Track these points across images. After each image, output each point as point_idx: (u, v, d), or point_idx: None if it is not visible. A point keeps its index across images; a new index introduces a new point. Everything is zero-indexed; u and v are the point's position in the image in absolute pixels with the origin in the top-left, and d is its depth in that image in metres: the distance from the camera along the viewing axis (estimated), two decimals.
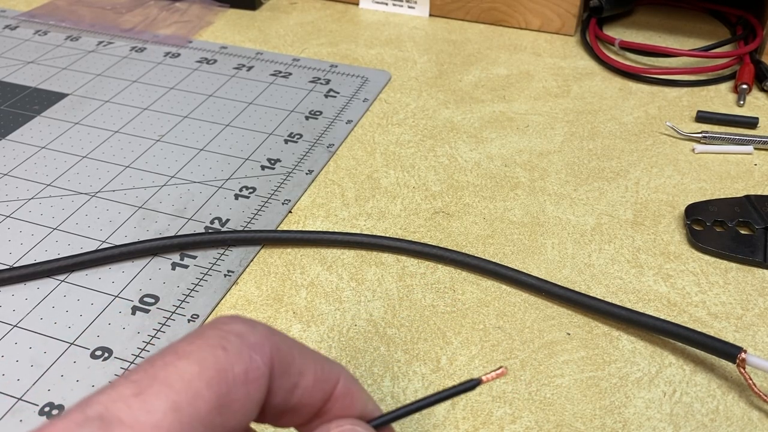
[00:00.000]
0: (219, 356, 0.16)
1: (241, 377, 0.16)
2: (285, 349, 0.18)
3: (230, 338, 0.17)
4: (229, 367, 0.16)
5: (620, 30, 0.59)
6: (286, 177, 0.41)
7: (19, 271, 0.34)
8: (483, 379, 0.20)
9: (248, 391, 0.17)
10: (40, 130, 0.45)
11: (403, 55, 0.55)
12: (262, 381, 0.17)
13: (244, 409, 0.17)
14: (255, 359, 0.17)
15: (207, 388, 0.16)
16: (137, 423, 0.15)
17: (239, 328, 0.18)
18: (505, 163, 0.43)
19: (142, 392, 0.15)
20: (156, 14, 0.61)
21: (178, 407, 0.15)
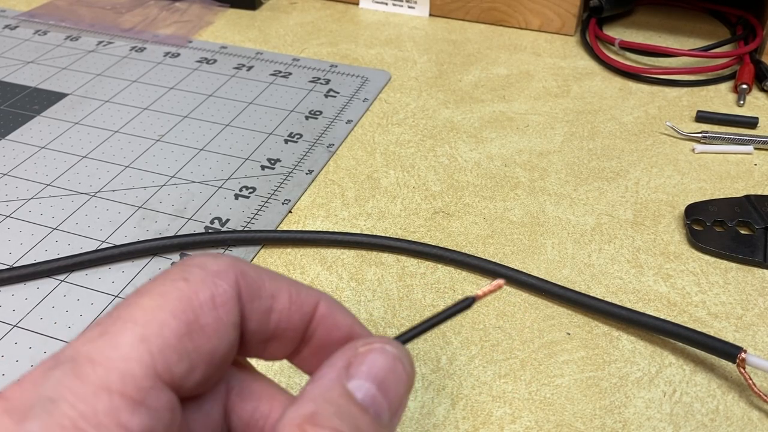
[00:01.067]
0: (181, 287, 0.17)
1: (207, 303, 0.17)
2: (252, 274, 0.18)
3: (192, 270, 0.17)
4: (194, 295, 0.17)
5: (620, 30, 0.59)
6: (286, 177, 0.41)
7: (18, 271, 0.34)
8: (479, 294, 0.19)
9: (218, 315, 0.17)
10: (39, 130, 0.45)
11: (403, 55, 0.55)
12: (231, 304, 0.17)
13: (218, 333, 0.17)
14: (220, 284, 0.17)
15: (172, 317, 0.16)
16: (106, 359, 0.15)
17: (201, 260, 0.18)
18: (505, 163, 0.43)
19: (107, 331, 0.16)
20: (156, 14, 0.61)
21: (144, 338, 0.16)
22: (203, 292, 0.17)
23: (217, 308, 0.17)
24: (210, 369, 0.17)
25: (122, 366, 0.15)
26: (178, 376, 0.16)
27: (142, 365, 0.15)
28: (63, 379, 0.15)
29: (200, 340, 0.16)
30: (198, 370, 0.17)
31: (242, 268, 0.18)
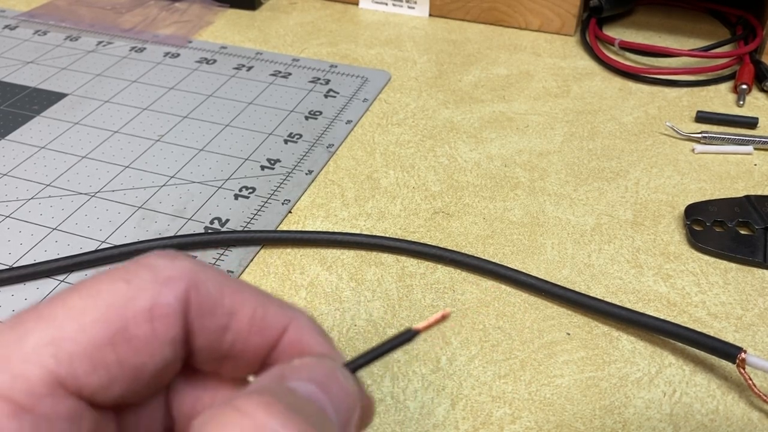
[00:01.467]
0: (118, 289, 0.15)
1: (143, 313, 0.15)
2: (211, 285, 0.16)
3: (139, 271, 0.15)
4: (129, 302, 0.15)
5: (620, 30, 0.59)
6: (285, 177, 0.41)
7: (18, 271, 0.34)
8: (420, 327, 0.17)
9: (153, 328, 0.15)
10: (39, 130, 0.45)
11: (403, 55, 0.55)
12: (172, 318, 0.15)
13: (149, 348, 0.15)
14: (164, 293, 0.15)
15: (95, 322, 0.14)
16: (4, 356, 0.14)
17: (154, 261, 0.16)
18: (504, 163, 0.43)
19: (21, 324, 0.14)
20: (156, 14, 0.61)
21: (54, 341, 0.14)
22: (141, 300, 0.15)
23: (153, 321, 0.15)
24: (136, 384, 0.15)
25: (18, 367, 0.14)
26: (89, 388, 0.14)
27: (42, 369, 0.14)
28: None
29: (125, 352, 0.15)
30: (118, 385, 0.15)
31: (198, 278, 0.16)
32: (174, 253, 0.16)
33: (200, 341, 0.16)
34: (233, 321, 0.16)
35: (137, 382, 0.15)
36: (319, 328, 0.18)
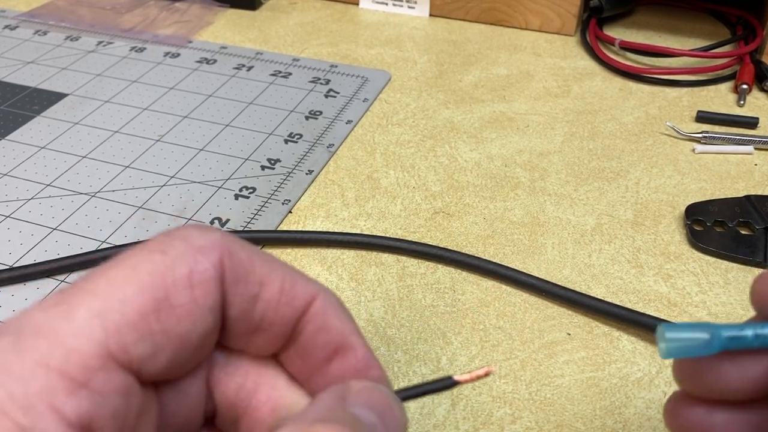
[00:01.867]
0: (156, 260, 0.15)
1: (183, 280, 0.15)
2: (242, 255, 0.16)
3: (173, 242, 0.16)
4: (168, 271, 0.15)
5: (620, 30, 0.59)
6: (286, 177, 0.41)
7: (18, 271, 0.34)
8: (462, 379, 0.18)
9: (194, 295, 0.15)
10: (39, 130, 0.45)
11: (403, 55, 0.55)
12: (211, 284, 0.15)
13: (192, 316, 0.15)
14: (200, 261, 0.15)
15: (138, 292, 0.15)
16: (53, 332, 0.14)
17: (187, 232, 0.16)
18: (505, 163, 0.43)
19: (64, 301, 0.14)
20: (156, 14, 0.61)
21: (101, 312, 0.14)
22: (180, 268, 0.15)
23: (194, 288, 0.15)
24: (180, 354, 0.15)
25: (69, 341, 0.14)
26: (137, 358, 0.14)
27: (93, 342, 0.14)
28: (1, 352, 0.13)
29: (169, 321, 0.15)
30: (164, 354, 0.15)
31: (230, 247, 0.16)
32: (205, 226, 0.17)
33: (234, 310, 0.16)
34: (264, 290, 0.16)
35: (182, 352, 0.15)
36: (343, 306, 0.18)
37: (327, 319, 0.17)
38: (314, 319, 0.17)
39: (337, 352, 0.18)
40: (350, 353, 0.18)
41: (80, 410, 0.13)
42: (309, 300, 0.17)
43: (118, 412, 0.14)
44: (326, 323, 0.17)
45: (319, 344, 0.17)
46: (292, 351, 0.18)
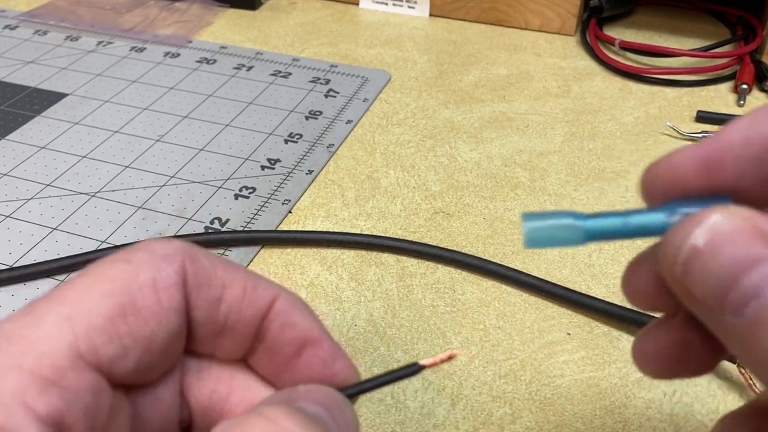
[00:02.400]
0: (120, 268, 0.16)
1: (147, 285, 0.16)
2: (204, 261, 0.17)
3: (137, 253, 0.17)
4: (133, 277, 0.16)
5: (620, 30, 0.59)
6: (286, 177, 0.41)
7: (18, 271, 0.34)
8: (426, 363, 0.18)
9: (158, 298, 0.16)
10: (39, 130, 0.45)
11: (403, 55, 0.55)
12: (174, 289, 0.16)
13: (157, 317, 0.16)
14: (163, 267, 0.16)
15: (105, 297, 0.16)
16: (24, 337, 0.15)
17: (149, 244, 0.17)
18: (505, 163, 0.43)
19: (33, 310, 0.15)
20: (156, 14, 0.61)
21: (69, 317, 0.15)
22: (144, 274, 0.16)
23: (158, 292, 0.16)
24: (148, 355, 0.16)
25: (40, 345, 0.15)
26: (107, 359, 0.15)
27: (62, 344, 0.15)
28: None
29: (136, 323, 0.16)
30: (132, 355, 0.16)
31: (192, 254, 0.17)
32: (167, 238, 0.18)
33: (199, 313, 0.17)
34: (227, 292, 0.17)
35: (149, 353, 0.16)
36: (305, 304, 0.19)
37: (291, 317, 0.18)
38: (278, 318, 0.18)
39: (304, 347, 0.18)
40: (317, 347, 0.18)
41: (51, 407, 0.14)
42: (271, 300, 0.18)
43: (89, 409, 0.15)
44: (290, 320, 0.18)
45: (285, 341, 0.18)
46: (260, 352, 0.19)
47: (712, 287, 0.14)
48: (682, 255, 0.15)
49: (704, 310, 0.15)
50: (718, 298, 0.14)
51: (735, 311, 0.14)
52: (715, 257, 0.14)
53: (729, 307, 0.14)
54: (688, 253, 0.15)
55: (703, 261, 0.15)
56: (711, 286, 0.14)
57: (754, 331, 0.14)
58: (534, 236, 0.17)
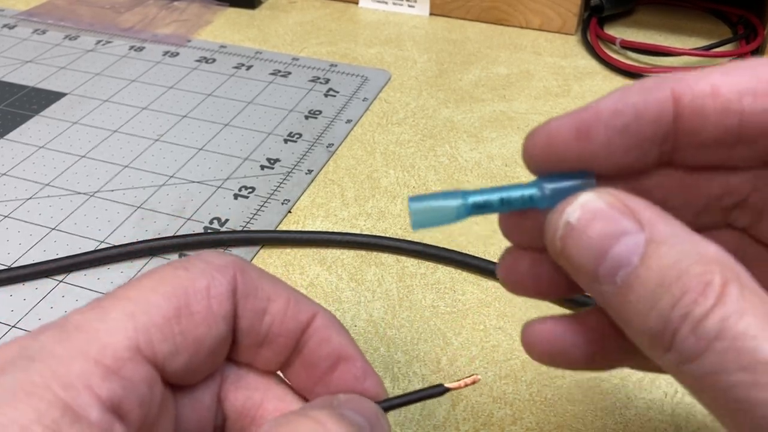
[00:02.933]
0: (180, 275, 0.18)
1: (202, 292, 0.17)
2: (253, 274, 0.19)
3: (195, 262, 0.18)
4: (189, 283, 0.17)
5: (621, 29, 0.59)
6: (285, 177, 0.41)
7: (17, 271, 0.34)
8: (452, 387, 0.20)
9: (209, 304, 0.18)
10: (38, 129, 0.45)
11: (403, 54, 0.55)
12: (225, 297, 0.18)
13: (207, 321, 0.17)
14: (217, 277, 0.18)
15: (164, 299, 0.17)
16: (92, 328, 0.16)
17: (206, 255, 0.19)
18: (505, 162, 0.43)
19: (100, 305, 0.17)
20: (155, 13, 0.60)
21: (132, 314, 0.16)
22: (200, 282, 0.18)
23: (210, 298, 0.18)
24: (197, 356, 0.17)
25: (105, 336, 0.16)
26: (161, 355, 0.17)
27: (124, 337, 0.16)
28: (47, 342, 0.16)
29: (188, 325, 0.17)
30: (183, 354, 0.17)
31: (243, 267, 0.19)
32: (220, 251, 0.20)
33: (244, 322, 0.19)
34: (271, 305, 0.19)
35: (197, 355, 0.17)
36: (339, 322, 0.20)
37: (328, 333, 0.19)
38: (316, 333, 0.19)
39: (338, 363, 0.19)
40: (350, 363, 0.19)
41: (112, 393, 0.15)
42: (311, 316, 0.19)
43: (144, 400, 0.16)
44: (328, 336, 0.19)
45: (322, 356, 0.19)
46: (296, 365, 0.20)
47: (585, 260, 0.16)
48: (559, 231, 0.16)
49: (585, 283, 0.16)
50: (592, 269, 0.16)
51: (607, 280, 0.16)
52: (586, 232, 0.16)
53: (601, 276, 0.16)
54: (563, 230, 0.16)
55: (576, 236, 0.16)
56: (585, 259, 0.16)
57: (625, 296, 0.15)
58: (419, 220, 0.18)
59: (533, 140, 0.18)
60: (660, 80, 0.17)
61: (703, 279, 0.14)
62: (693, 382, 0.15)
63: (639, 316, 0.15)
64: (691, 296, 0.14)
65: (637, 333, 0.15)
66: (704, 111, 0.16)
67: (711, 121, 0.16)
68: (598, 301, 0.17)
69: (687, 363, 0.14)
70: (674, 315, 0.14)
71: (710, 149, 0.17)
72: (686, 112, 0.16)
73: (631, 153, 0.17)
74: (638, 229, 0.15)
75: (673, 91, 0.16)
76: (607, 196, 0.16)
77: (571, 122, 0.17)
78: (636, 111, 0.16)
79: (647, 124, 0.16)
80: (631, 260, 0.15)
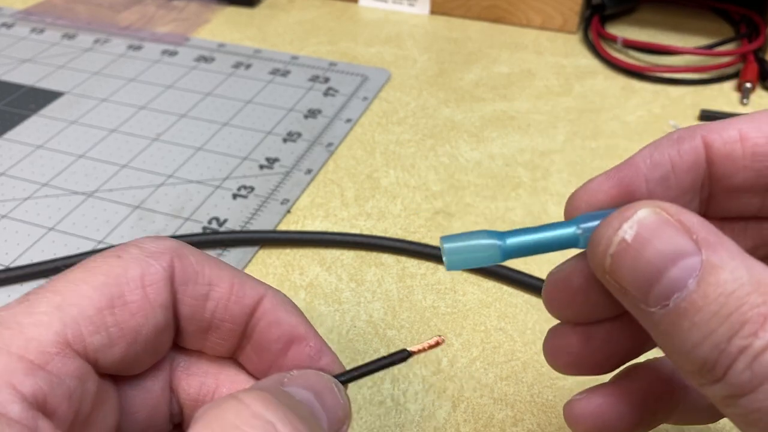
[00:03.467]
0: (111, 263, 0.17)
1: (135, 280, 0.17)
2: (192, 259, 0.18)
3: (128, 249, 0.18)
4: (122, 272, 0.17)
5: (623, 28, 0.59)
6: (284, 176, 0.41)
7: (15, 272, 0.34)
8: (414, 350, 0.20)
9: (145, 293, 0.17)
10: (36, 129, 0.45)
11: (403, 53, 0.55)
12: (161, 285, 0.17)
13: (144, 311, 0.17)
14: (152, 264, 0.17)
15: (95, 290, 0.16)
16: (17, 323, 0.16)
17: (141, 241, 0.18)
18: (506, 162, 0.43)
19: (28, 299, 0.16)
20: (153, 12, 0.60)
21: (60, 307, 0.16)
22: (133, 270, 0.17)
23: (145, 287, 0.17)
24: (135, 346, 0.17)
25: (30, 330, 0.16)
26: (93, 348, 0.16)
27: (51, 332, 0.16)
28: None
29: (123, 315, 0.17)
30: (119, 345, 0.17)
31: (180, 252, 0.18)
32: (158, 236, 0.19)
33: (185, 309, 0.18)
34: (213, 290, 0.18)
35: (135, 345, 0.17)
36: (291, 302, 0.20)
37: (277, 315, 0.19)
38: (265, 316, 0.19)
39: (291, 344, 0.19)
40: (303, 344, 0.19)
41: (35, 388, 0.15)
42: (257, 298, 0.19)
43: (74, 394, 0.16)
44: (277, 318, 0.19)
45: (272, 338, 0.19)
46: (248, 350, 0.19)
47: (639, 280, 0.15)
48: (612, 248, 0.16)
49: (632, 303, 0.16)
50: (645, 290, 0.15)
51: (659, 303, 0.15)
52: (641, 252, 0.15)
53: (654, 298, 0.15)
54: (616, 247, 0.16)
55: (631, 255, 0.15)
56: (638, 280, 0.15)
57: (676, 321, 0.15)
58: (454, 259, 0.17)
59: (575, 201, 0.18)
60: (688, 131, 0.17)
61: (763, 311, 0.14)
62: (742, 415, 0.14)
63: (691, 343, 0.14)
64: (750, 328, 0.14)
65: (686, 361, 0.15)
66: (734, 155, 0.17)
67: (742, 165, 0.17)
68: (642, 322, 0.16)
69: (739, 397, 0.14)
70: (732, 347, 0.14)
71: (743, 196, 0.17)
72: (718, 158, 0.17)
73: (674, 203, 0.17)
74: (695, 249, 0.15)
75: (704, 138, 0.17)
76: (664, 214, 0.16)
77: (611, 180, 0.17)
78: (672, 161, 0.17)
79: (684, 172, 0.17)
80: (687, 284, 0.15)
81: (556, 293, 0.19)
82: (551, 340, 0.20)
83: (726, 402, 0.14)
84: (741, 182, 0.17)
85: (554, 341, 0.20)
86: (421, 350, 0.20)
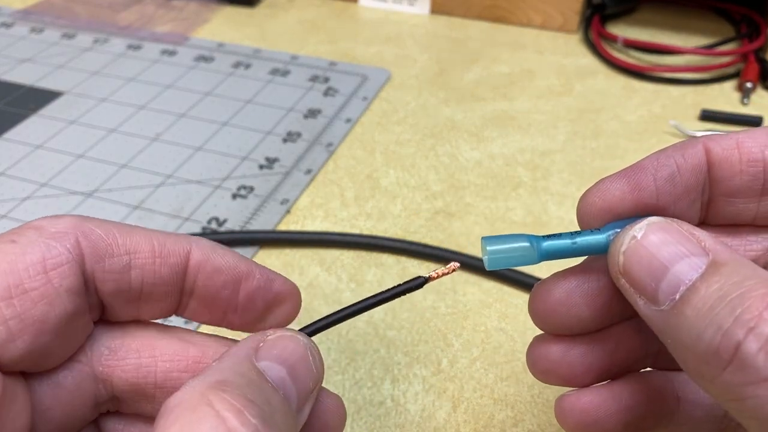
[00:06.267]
0: (6, 250, 0.16)
1: (35, 266, 0.16)
2: (100, 232, 0.17)
3: (25, 232, 0.16)
4: (19, 258, 0.16)
5: (623, 27, 0.59)
6: (284, 176, 0.41)
7: None
8: (432, 275, 0.20)
9: (49, 279, 0.16)
10: (35, 129, 0.45)
11: (403, 52, 0.55)
12: (66, 268, 0.16)
13: (48, 299, 0.16)
14: (54, 246, 0.16)
15: None
16: None
17: (38, 222, 0.17)
18: (506, 162, 0.43)
19: None
20: (153, 11, 0.60)
21: None
22: (32, 255, 0.16)
23: (48, 272, 0.16)
24: (41, 338, 0.16)
25: None
26: None
27: None
28: None
29: (24, 305, 0.15)
30: (22, 339, 0.15)
31: (85, 228, 0.17)
32: (57, 215, 0.17)
33: (107, 286, 0.17)
34: (135, 258, 0.17)
35: (41, 337, 0.16)
36: (219, 245, 0.19)
37: (214, 262, 0.18)
38: (202, 267, 0.18)
39: (239, 284, 0.18)
40: (249, 279, 0.19)
41: None
42: (185, 254, 0.18)
43: None
44: (215, 266, 0.18)
45: (218, 286, 0.18)
46: (193, 304, 0.19)
47: (647, 276, 0.16)
48: (624, 246, 0.17)
49: (641, 302, 0.17)
50: (653, 287, 0.16)
51: (668, 299, 0.16)
52: (649, 248, 0.17)
53: (662, 294, 0.16)
54: (627, 245, 0.17)
55: (640, 251, 0.17)
56: (646, 275, 0.16)
57: (681, 311, 0.15)
58: (494, 260, 0.19)
59: (589, 199, 0.19)
60: (691, 139, 0.19)
61: (765, 292, 0.14)
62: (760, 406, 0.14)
63: (696, 331, 0.15)
64: (755, 309, 0.14)
65: (693, 354, 0.15)
66: (731, 160, 0.18)
67: (738, 169, 0.18)
68: (652, 326, 0.17)
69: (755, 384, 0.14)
70: (735, 327, 0.14)
71: (740, 201, 0.19)
72: (717, 161, 0.18)
73: (679, 204, 0.19)
74: (702, 252, 0.16)
75: (705, 144, 0.18)
76: (674, 222, 0.17)
77: (622, 179, 0.19)
78: (677, 162, 0.18)
79: (688, 172, 0.18)
80: (692, 278, 0.15)
81: (539, 304, 0.20)
82: (533, 348, 0.21)
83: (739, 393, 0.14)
84: (738, 186, 0.18)
85: (535, 349, 0.21)
86: (438, 277, 0.20)
